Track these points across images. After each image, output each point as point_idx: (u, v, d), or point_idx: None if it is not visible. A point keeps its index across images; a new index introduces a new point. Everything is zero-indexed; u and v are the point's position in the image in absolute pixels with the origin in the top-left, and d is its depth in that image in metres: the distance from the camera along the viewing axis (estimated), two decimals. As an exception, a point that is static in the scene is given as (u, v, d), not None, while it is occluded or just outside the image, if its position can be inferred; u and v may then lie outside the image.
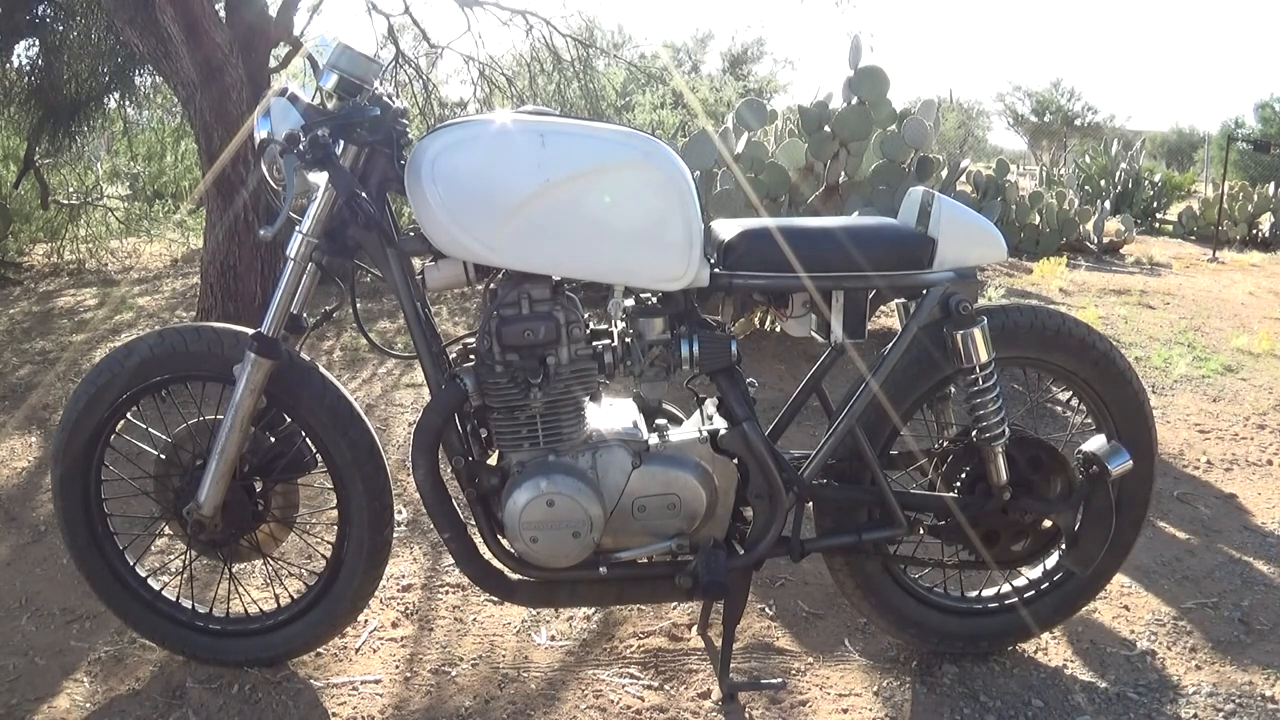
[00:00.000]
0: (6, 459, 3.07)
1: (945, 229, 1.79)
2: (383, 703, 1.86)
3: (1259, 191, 11.98)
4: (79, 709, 1.82)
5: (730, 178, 4.10)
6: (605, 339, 1.80)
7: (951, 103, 26.74)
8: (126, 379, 1.80)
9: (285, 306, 1.74)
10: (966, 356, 1.80)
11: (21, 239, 6.92)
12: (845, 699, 1.89)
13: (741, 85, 13.74)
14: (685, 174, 1.70)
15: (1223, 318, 5.69)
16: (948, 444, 1.94)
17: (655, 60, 12.68)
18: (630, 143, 1.69)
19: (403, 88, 6.60)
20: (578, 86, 7.12)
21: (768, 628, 2.14)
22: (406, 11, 6.47)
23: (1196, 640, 2.13)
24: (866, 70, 4.14)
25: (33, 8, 6.16)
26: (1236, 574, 2.44)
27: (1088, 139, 24.16)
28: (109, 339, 4.57)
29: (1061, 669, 2.01)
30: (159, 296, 5.70)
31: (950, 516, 1.89)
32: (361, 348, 4.35)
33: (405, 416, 3.45)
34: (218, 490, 1.78)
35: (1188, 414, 3.74)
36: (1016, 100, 32.00)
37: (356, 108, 1.64)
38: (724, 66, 18.32)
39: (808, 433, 3.03)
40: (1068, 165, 15.97)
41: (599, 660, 2.00)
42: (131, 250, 7.37)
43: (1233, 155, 16.59)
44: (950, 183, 4.75)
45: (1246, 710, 1.88)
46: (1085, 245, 8.76)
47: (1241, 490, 3.00)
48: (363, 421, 1.84)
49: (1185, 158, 29.71)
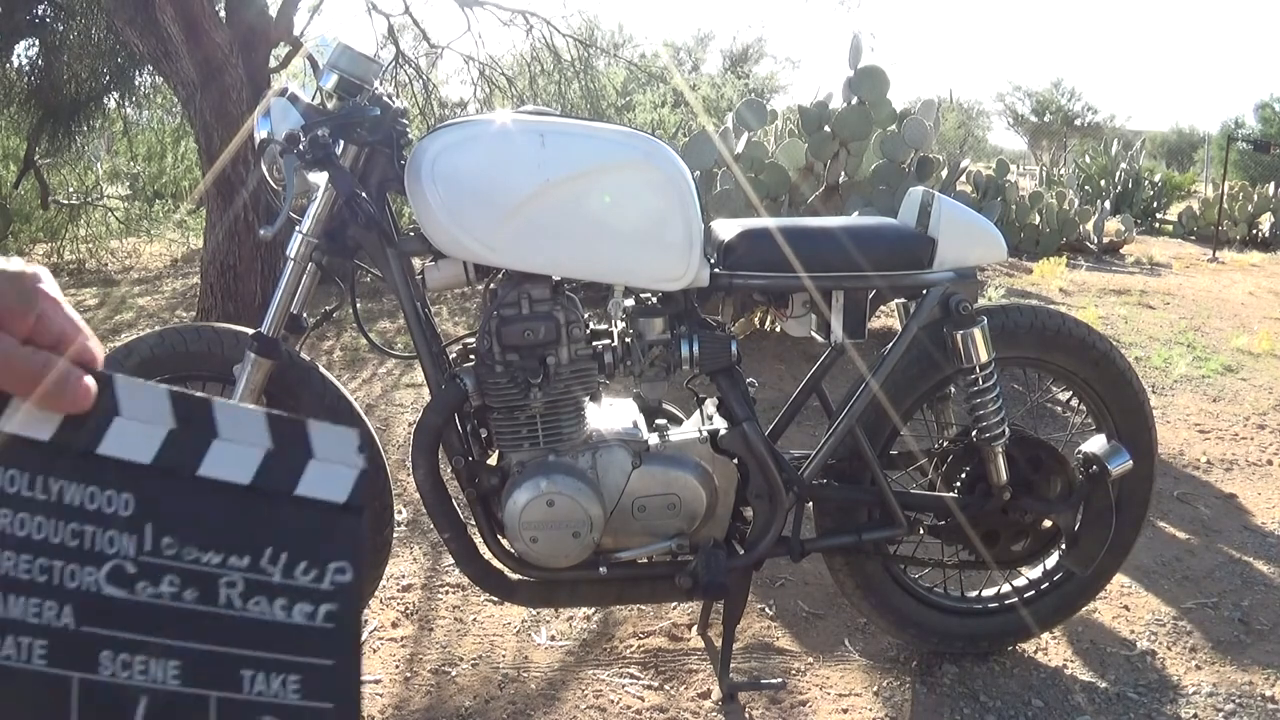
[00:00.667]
0: (6, 459, 3.07)
1: (945, 229, 1.79)
2: (383, 703, 1.86)
3: (1259, 191, 11.98)
4: (79, 709, 1.82)
5: (730, 178, 4.10)
6: (605, 339, 1.80)
7: (951, 103, 26.74)
8: (126, 379, 1.79)
9: (285, 306, 1.74)
10: (966, 356, 1.80)
11: (21, 239, 6.93)
12: (845, 699, 1.89)
13: (742, 85, 13.74)
14: (685, 174, 1.70)
15: (1223, 318, 5.69)
16: (948, 444, 1.94)
17: (655, 60, 12.68)
18: (630, 143, 1.69)
19: (403, 88, 6.60)
20: (578, 86, 7.13)
21: (768, 628, 2.14)
22: (406, 11, 6.48)
23: (1196, 640, 2.13)
24: (866, 70, 4.14)
25: (33, 8, 6.16)
26: (1236, 574, 2.44)
27: (1088, 139, 24.17)
28: (109, 339, 4.57)
29: (1061, 669, 2.01)
30: (159, 296, 5.70)
31: (950, 516, 1.89)
32: (361, 348, 4.35)
33: (405, 416, 3.46)
34: (218, 490, 1.78)
35: (1188, 414, 3.74)
36: (1016, 100, 32.04)
37: (356, 108, 1.64)
38: (725, 66, 18.33)
39: (808, 433, 3.03)
40: (1068, 165, 15.98)
41: (599, 660, 2.00)
42: (131, 250, 7.37)
43: (1233, 155, 16.59)
44: (950, 183, 4.75)
45: (1246, 710, 1.88)
46: (1085, 245, 8.76)
47: (1241, 490, 3.00)
48: (363, 421, 1.84)
49: (1185, 158, 29.72)
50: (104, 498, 0.54)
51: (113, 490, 0.55)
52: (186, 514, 0.56)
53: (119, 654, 0.54)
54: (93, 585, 0.54)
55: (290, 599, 0.56)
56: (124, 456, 0.55)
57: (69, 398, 0.53)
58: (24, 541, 0.53)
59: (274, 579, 0.56)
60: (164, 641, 0.54)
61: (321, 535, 0.58)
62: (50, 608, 0.53)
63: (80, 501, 0.54)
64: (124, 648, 0.54)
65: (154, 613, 0.54)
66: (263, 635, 0.56)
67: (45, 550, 0.53)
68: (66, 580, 0.53)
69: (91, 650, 0.53)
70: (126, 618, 0.54)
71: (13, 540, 0.53)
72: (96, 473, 0.54)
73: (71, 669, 0.53)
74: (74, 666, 0.53)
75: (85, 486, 0.54)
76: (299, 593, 0.56)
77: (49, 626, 0.53)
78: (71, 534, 0.54)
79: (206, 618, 0.55)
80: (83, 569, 0.53)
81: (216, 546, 0.56)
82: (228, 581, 0.55)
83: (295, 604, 0.56)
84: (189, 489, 0.56)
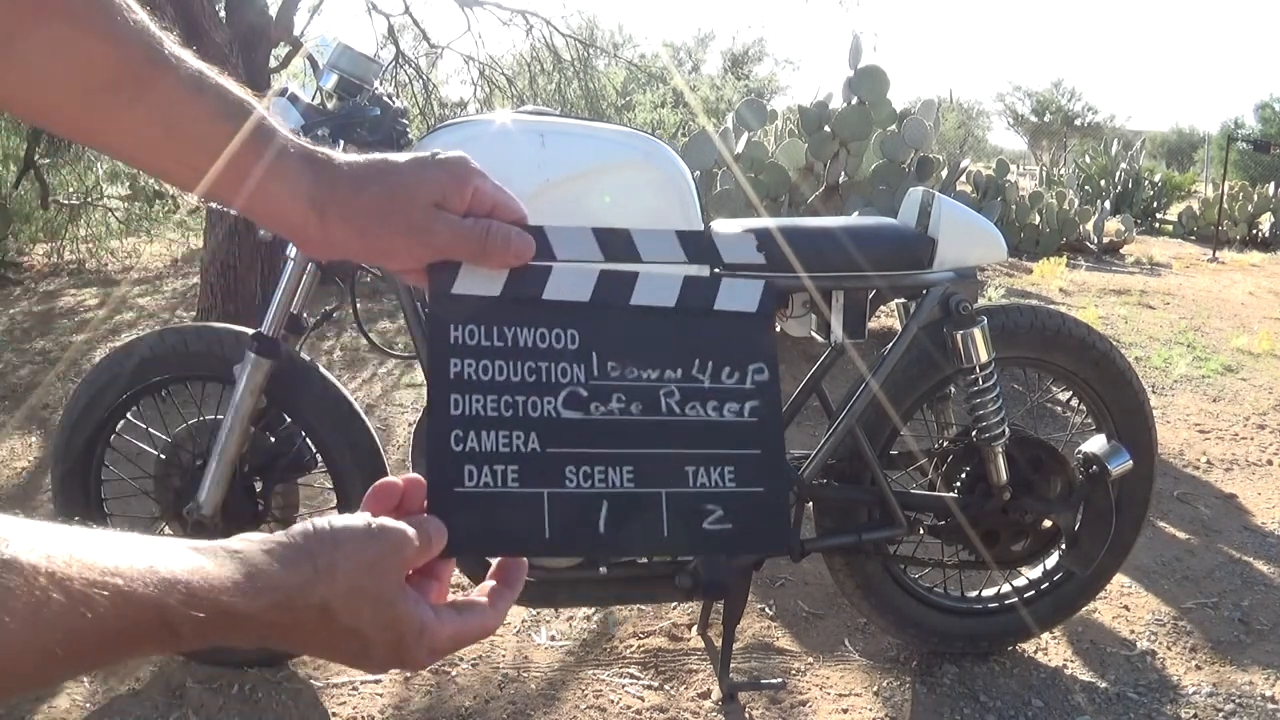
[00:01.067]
0: (6, 459, 3.07)
1: (945, 229, 1.79)
2: (383, 703, 1.86)
3: (1259, 191, 11.97)
4: (79, 709, 1.82)
5: (730, 178, 4.10)
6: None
7: (951, 103, 26.73)
8: (127, 379, 1.80)
9: (285, 306, 1.74)
10: (966, 356, 1.80)
11: (21, 239, 6.92)
12: (845, 699, 1.89)
13: (742, 85, 13.74)
14: (685, 174, 1.70)
15: (1223, 318, 5.69)
16: (948, 444, 1.94)
17: (655, 60, 12.69)
18: (630, 143, 1.69)
19: (403, 88, 6.60)
20: (578, 86, 7.13)
21: (768, 628, 2.14)
22: (406, 11, 6.47)
23: (1196, 640, 2.13)
24: (866, 70, 4.14)
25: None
26: (1236, 574, 2.43)
27: (1088, 139, 24.18)
28: (109, 339, 4.57)
29: (1061, 669, 2.01)
30: (159, 296, 5.70)
31: (950, 516, 1.89)
32: (361, 348, 4.35)
33: (405, 416, 3.45)
34: (218, 490, 1.78)
35: (1188, 414, 3.74)
36: (1016, 100, 32.06)
37: (356, 108, 1.64)
38: (725, 66, 18.33)
39: (808, 433, 3.02)
40: (1068, 165, 15.97)
41: (599, 660, 2.00)
42: (131, 250, 7.36)
43: (1233, 155, 16.58)
44: (950, 183, 4.75)
45: (1246, 710, 1.88)
46: (1085, 245, 8.75)
47: (1241, 490, 3.00)
48: (363, 421, 1.84)
49: (1185, 158, 29.73)
50: (553, 336, 0.64)
51: (559, 328, 0.64)
52: (625, 340, 0.65)
53: (580, 467, 0.62)
54: (552, 412, 0.63)
55: (720, 401, 0.65)
56: (566, 298, 0.65)
57: (512, 252, 0.62)
58: (488, 384, 0.62)
59: (704, 385, 0.65)
60: (618, 451, 0.63)
61: (740, 342, 0.66)
62: (518, 436, 0.62)
63: (533, 342, 0.63)
64: (584, 461, 0.62)
65: (606, 427, 0.63)
66: (700, 435, 0.64)
67: (508, 389, 0.62)
68: (529, 411, 0.62)
69: (557, 467, 0.62)
70: (584, 435, 0.63)
71: (479, 384, 0.62)
72: (544, 316, 0.64)
73: (541, 486, 0.62)
74: (543, 484, 0.62)
75: (535, 329, 0.64)
76: (727, 394, 0.65)
77: (518, 452, 0.62)
78: (529, 371, 0.63)
79: (651, 426, 0.64)
80: (542, 399, 0.63)
81: (653, 364, 0.65)
82: (666, 392, 0.65)
83: (725, 404, 0.65)
84: (624, 318, 0.65)
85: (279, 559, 0.51)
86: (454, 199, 0.61)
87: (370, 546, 0.53)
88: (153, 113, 0.59)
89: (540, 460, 0.62)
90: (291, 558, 0.51)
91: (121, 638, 0.44)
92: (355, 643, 0.53)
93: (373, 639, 0.53)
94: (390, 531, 0.55)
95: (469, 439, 0.61)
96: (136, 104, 0.58)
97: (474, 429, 0.61)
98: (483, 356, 0.62)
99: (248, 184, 0.60)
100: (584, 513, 0.62)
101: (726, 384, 0.65)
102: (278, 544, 0.51)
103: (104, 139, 0.61)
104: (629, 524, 0.62)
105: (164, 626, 0.46)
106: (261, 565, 0.50)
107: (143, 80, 0.58)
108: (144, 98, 0.58)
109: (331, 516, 0.55)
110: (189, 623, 0.46)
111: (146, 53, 0.58)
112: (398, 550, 0.54)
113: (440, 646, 0.56)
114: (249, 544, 0.51)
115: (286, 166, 0.60)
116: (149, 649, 0.47)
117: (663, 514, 0.63)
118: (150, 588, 0.45)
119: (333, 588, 0.51)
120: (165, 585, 0.45)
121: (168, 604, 0.45)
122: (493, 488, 0.61)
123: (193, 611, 0.46)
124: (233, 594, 0.48)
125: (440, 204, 0.61)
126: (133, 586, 0.44)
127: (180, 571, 0.46)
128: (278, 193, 0.60)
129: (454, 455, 0.61)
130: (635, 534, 0.62)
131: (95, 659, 0.45)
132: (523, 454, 0.61)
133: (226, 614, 0.48)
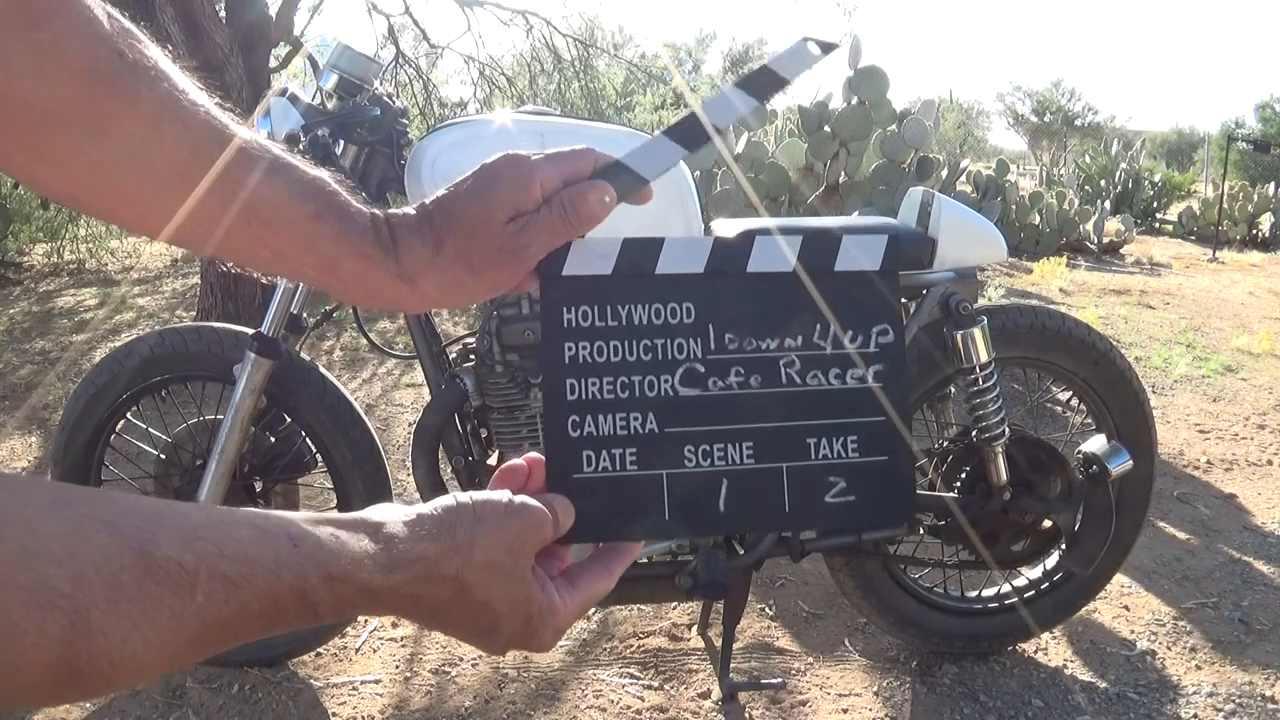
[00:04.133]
0: (6, 459, 3.07)
1: (945, 229, 1.79)
2: (383, 703, 1.86)
3: (1259, 191, 11.96)
4: (79, 709, 1.82)
5: (730, 178, 4.10)
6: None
7: (951, 103, 26.74)
8: (126, 379, 1.80)
9: (285, 306, 1.74)
10: (966, 356, 1.80)
11: (21, 239, 6.92)
12: (845, 699, 1.89)
13: (741, 85, 13.71)
14: (685, 174, 1.70)
15: (1223, 318, 5.69)
16: (948, 444, 1.94)
17: (656, 60, 12.69)
18: (630, 143, 1.69)
19: (403, 88, 6.60)
20: (578, 86, 7.13)
21: (768, 628, 2.14)
22: (406, 11, 6.48)
23: (1196, 640, 2.13)
24: (866, 70, 4.14)
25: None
26: (1236, 574, 2.43)
27: (1088, 139, 24.19)
28: (109, 339, 4.57)
29: (1061, 669, 2.01)
30: (159, 296, 5.70)
31: (950, 516, 1.89)
32: (361, 348, 4.35)
33: (405, 416, 3.45)
34: (218, 490, 1.78)
35: (1188, 414, 3.74)
36: (1016, 100, 32.07)
37: (356, 108, 1.64)
38: (725, 67, 18.32)
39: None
40: (1068, 165, 15.97)
41: (599, 660, 2.00)
42: (131, 250, 7.37)
43: (1233, 155, 16.58)
44: (950, 183, 4.75)
45: (1246, 710, 1.88)
46: (1085, 245, 8.75)
47: (1241, 490, 3.00)
48: (363, 421, 1.84)
49: (1185, 158, 29.73)
50: (668, 310, 0.61)
51: (674, 303, 0.62)
52: (742, 310, 0.62)
53: (699, 445, 0.60)
54: (669, 390, 0.61)
55: (843, 367, 0.62)
56: (680, 271, 0.62)
57: (594, 207, 0.60)
58: (604, 366, 0.60)
59: (826, 351, 0.62)
60: (737, 426, 0.61)
61: (862, 304, 0.63)
62: (635, 418, 0.60)
63: (647, 319, 0.61)
64: (703, 439, 0.60)
65: (725, 403, 0.61)
66: (822, 404, 0.62)
67: (623, 369, 0.60)
68: (646, 390, 0.60)
69: (676, 447, 0.60)
70: (702, 412, 0.61)
71: (594, 367, 0.60)
72: (658, 291, 0.62)
73: (660, 467, 0.60)
74: (662, 465, 0.60)
75: (650, 305, 0.61)
76: (849, 360, 0.63)
77: (636, 434, 0.60)
78: (644, 349, 0.61)
79: (772, 398, 0.61)
80: (659, 378, 0.61)
81: (772, 333, 0.62)
82: (786, 362, 0.62)
83: (848, 370, 0.62)
84: (741, 286, 0.62)
85: (419, 532, 0.51)
86: (525, 202, 0.59)
87: (510, 524, 0.53)
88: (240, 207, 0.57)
89: (659, 441, 0.60)
90: (432, 531, 0.51)
91: (262, 619, 0.45)
92: (487, 617, 0.53)
93: (504, 615, 0.54)
94: (531, 510, 0.55)
95: (586, 424, 0.60)
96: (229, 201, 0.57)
97: (591, 413, 0.60)
98: (597, 338, 0.61)
99: (339, 273, 0.59)
100: (704, 492, 0.60)
101: (849, 349, 0.63)
102: (419, 515, 0.52)
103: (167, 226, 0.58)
104: (749, 501, 0.61)
105: (304, 605, 0.46)
106: (401, 538, 0.50)
107: (235, 175, 0.56)
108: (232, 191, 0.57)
109: (474, 492, 0.55)
110: (329, 600, 0.47)
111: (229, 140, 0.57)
112: (537, 529, 0.55)
113: (564, 626, 0.57)
114: (390, 516, 0.51)
115: (364, 244, 0.59)
116: (285, 627, 0.47)
117: (784, 489, 0.61)
118: (292, 569, 0.45)
119: (470, 561, 0.51)
120: (306, 564, 0.46)
121: (308, 582, 0.46)
122: (611, 472, 0.60)
123: (333, 589, 0.47)
124: (371, 570, 0.48)
125: (515, 216, 0.59)
126: (277, 570, 0.45)
127: (320, 549, 0.47)
128: (362, 273, 0.59)
129: (572, 441, 0.60)
130: (756, 511, 0.61)
131: (234, 642, 0.45)
132: (640, 435, 0.60)
133: (365, 590, 0.48)
